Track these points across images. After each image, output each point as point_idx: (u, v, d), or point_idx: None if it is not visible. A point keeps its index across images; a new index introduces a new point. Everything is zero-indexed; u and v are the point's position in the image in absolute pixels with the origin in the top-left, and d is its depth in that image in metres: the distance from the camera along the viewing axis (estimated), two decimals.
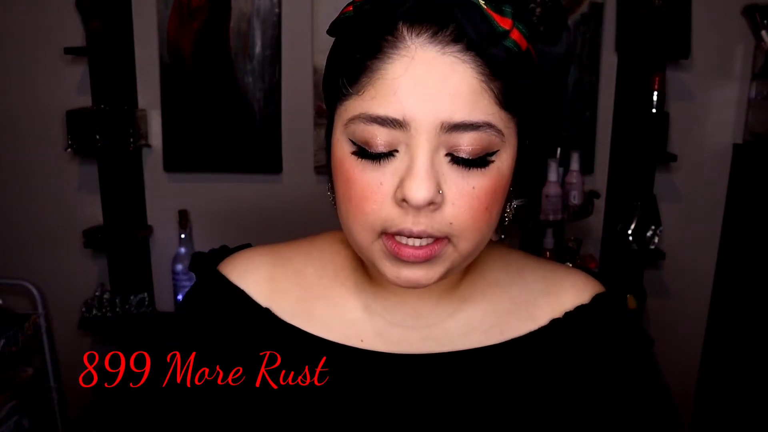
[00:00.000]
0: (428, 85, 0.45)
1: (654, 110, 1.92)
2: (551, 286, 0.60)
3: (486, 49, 0.45)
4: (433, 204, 0.46)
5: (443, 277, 0.50)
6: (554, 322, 0.58)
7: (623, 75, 1.95)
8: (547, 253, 1.88)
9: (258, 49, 1.89)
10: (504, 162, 0.48)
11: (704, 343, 2.16)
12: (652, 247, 2.01)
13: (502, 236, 0.55)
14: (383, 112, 0.45)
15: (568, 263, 1.77)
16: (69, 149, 1.85)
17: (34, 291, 1.97)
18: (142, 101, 1.93)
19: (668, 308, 2.12)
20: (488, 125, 0.46)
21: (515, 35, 0.46)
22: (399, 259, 0.48)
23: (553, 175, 1.80)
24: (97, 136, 1.84)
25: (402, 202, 0.46)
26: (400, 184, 0.46)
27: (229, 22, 1.88)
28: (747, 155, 1.99)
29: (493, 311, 0.58)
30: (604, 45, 1.93)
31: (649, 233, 2.00)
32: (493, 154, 0.47)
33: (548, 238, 1.89)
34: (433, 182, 0.45)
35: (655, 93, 1.91)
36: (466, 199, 0.47)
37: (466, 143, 0.46)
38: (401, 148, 0.46)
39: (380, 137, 0.46)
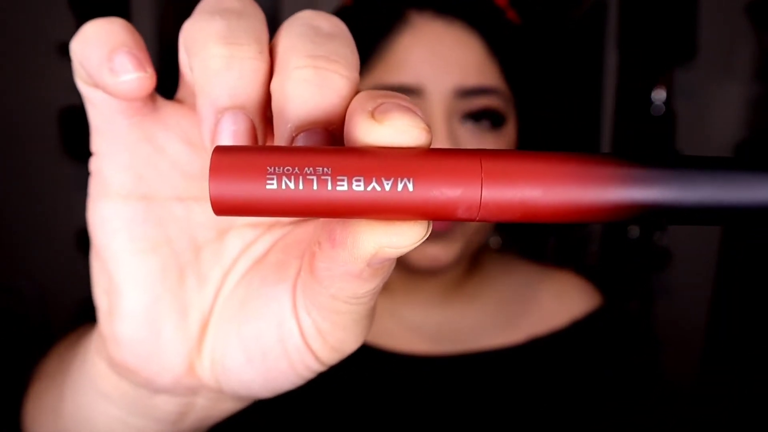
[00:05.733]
0: (439, 53, 0.46)
1: (653, 110, 1.91)
2: (558, 289, 0.60)
3: (487, 24, 0.48)
4: None
5: (460, 255, 0.50)
6: (570, 328, 0.58)
7: (626, 74, 1.94)
8: (548, 253, 1.87)
9: None
10: (511, 134, 0.50)
11: (704, 343, 2.16)
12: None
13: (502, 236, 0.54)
14: (397, 80, 0.46)
15: (570, 264, 1.76)
16: (63, 148, 1.84)
17: (34, 291, 1.96)
18: None
19: (668, 307, 2.11)
20: (497, 92, 0.48)
21: (511, 14, 0.51)
22: None
23: None
24: None
25: None
26: None
27: None
28: (749, 154, 1.98)
29: (502, 312, 0.58)
30: (606, 44, 1.92)
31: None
32: (504, 120, 0.48)
33: (548, 239, 1.88)
34: (450, 144, 0.47)
35: (661, 92, 1.90)
36: None
37: (478, 108, 0.47)
38: None
39: None
